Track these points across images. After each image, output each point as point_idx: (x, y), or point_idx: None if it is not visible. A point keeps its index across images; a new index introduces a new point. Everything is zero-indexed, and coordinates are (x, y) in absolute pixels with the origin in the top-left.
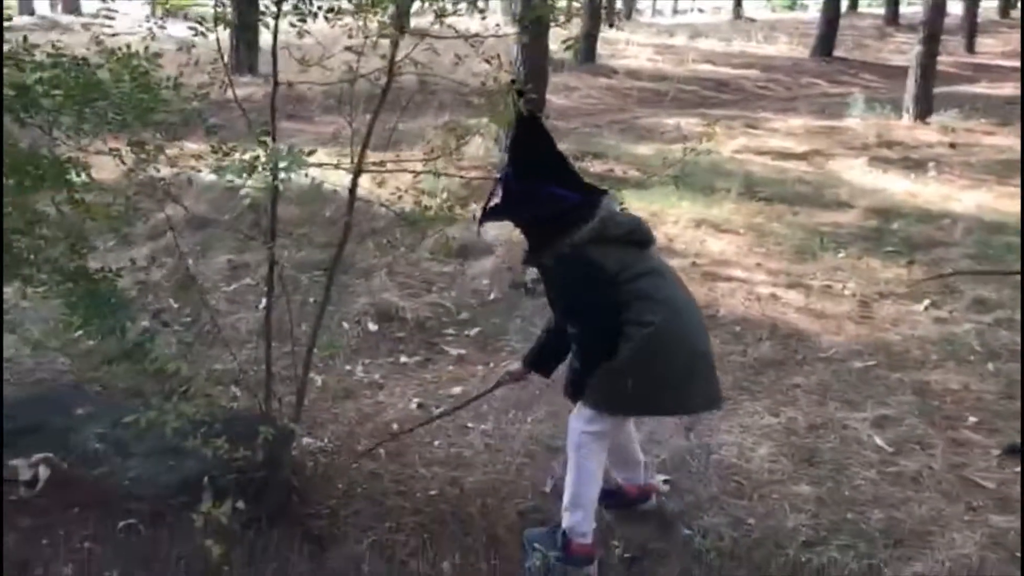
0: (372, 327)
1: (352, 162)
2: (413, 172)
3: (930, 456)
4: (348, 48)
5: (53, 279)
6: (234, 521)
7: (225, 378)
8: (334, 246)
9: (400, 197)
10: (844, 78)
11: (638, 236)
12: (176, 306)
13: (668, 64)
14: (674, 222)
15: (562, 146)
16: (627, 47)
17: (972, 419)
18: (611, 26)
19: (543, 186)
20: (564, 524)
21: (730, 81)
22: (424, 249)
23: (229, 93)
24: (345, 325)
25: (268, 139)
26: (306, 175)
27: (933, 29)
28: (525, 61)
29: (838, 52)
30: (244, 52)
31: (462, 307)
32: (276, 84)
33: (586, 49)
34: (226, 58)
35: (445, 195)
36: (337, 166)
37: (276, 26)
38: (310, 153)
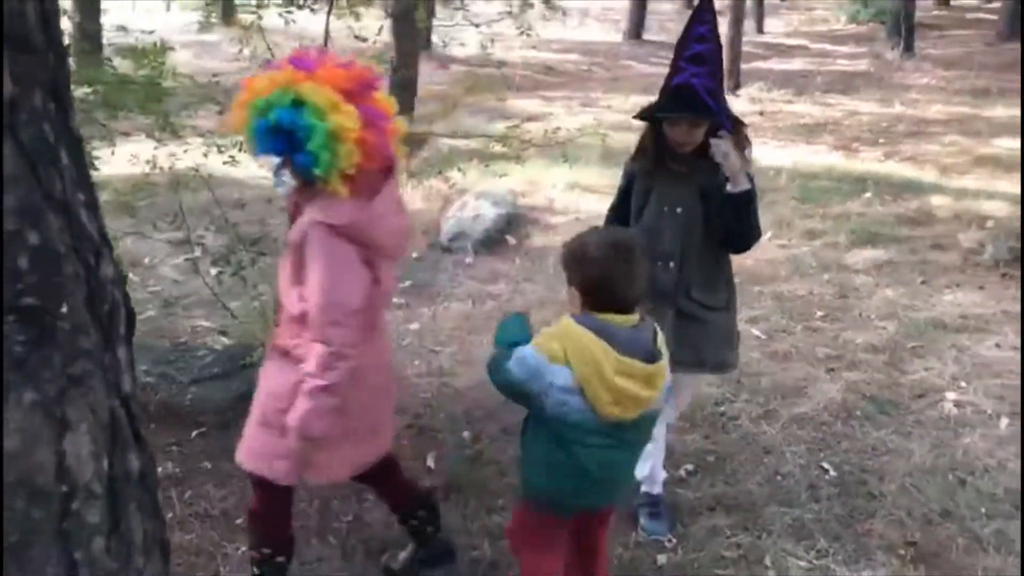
0: None
1: None
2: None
3: (794, 338)
4: None
5: None
6: None
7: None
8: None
9: None
10: (655, 59)
11: None
12: None
13: (497, 50)
14: (552, 186)
15: (422, 127)
16: (456, 34)
17: (819, 313)
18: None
19: (725, 101)
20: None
21: (556, 65)
22: None
23: None
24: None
25: None
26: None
27: (738, 13)
28: (399, 46)
29: (647, 35)
30: None
31: None
32: None
33: (423, 37)
34: None
35: None
36: None
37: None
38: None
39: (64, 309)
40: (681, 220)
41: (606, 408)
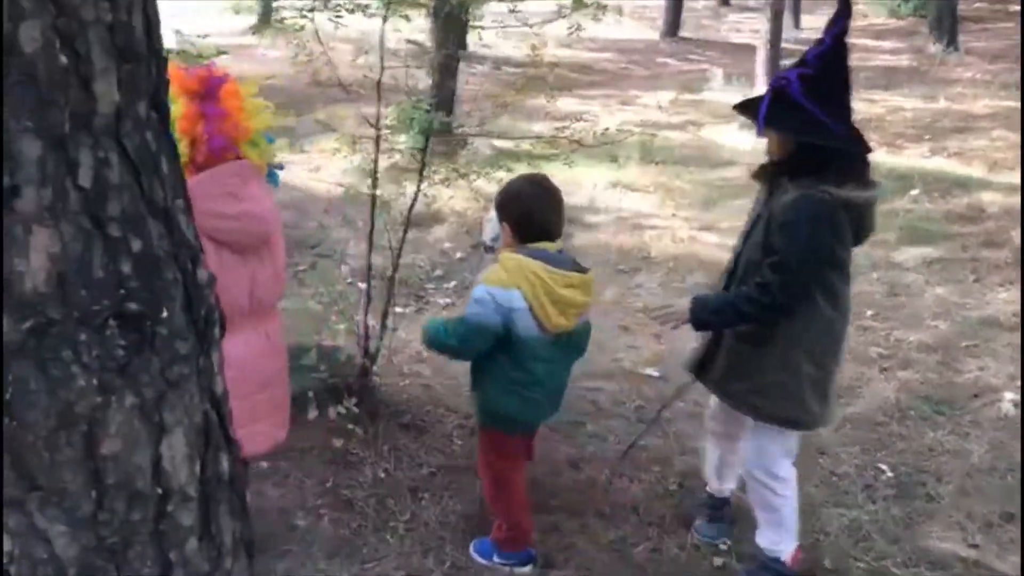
0: (362, 286)
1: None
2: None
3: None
4: None
5: None
6: (345, 419)
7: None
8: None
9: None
10: (693, 56)
11: (869, 223)
12: None
13: (527, 48)
14: (592, 186)
15: (466, 128)
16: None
17: (870, 312)
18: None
19: (827, 115)
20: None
21: (592, 64)
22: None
23: None
24: (338, 287)
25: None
26: None
27: (777, 8)
28: (440, 47)
29: (683, 32)
30: None
31: (435, 265)
32: (383, 69)
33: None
34: None
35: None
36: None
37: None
38: None
39: (164, 314)
40: (747, 233)
41: (553, 320)
